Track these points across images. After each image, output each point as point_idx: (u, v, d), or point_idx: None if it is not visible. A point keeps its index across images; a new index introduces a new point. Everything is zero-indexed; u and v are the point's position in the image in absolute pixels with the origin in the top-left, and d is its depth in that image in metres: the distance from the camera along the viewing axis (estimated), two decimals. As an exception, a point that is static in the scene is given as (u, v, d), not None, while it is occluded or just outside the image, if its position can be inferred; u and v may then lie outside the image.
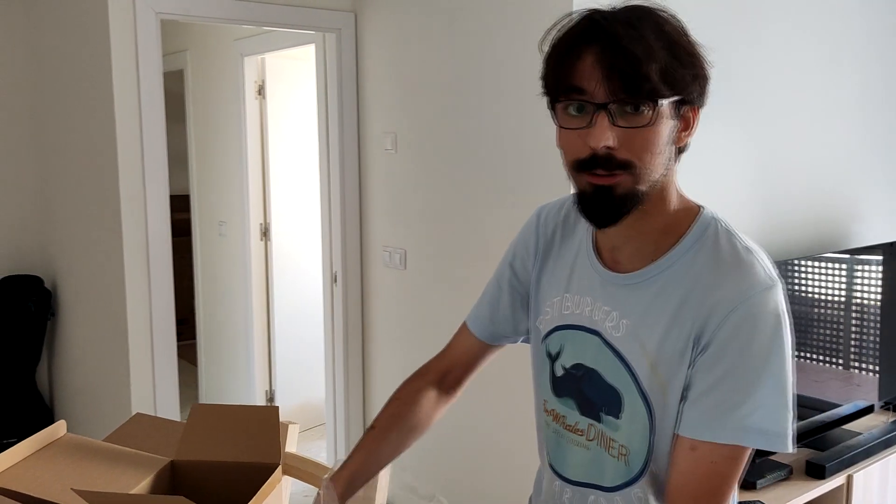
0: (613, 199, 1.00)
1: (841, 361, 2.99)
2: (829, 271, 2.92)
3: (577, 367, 1.14)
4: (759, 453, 2.61)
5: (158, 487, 1.35)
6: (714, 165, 2.78)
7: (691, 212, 1.09)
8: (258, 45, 3.83)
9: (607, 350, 1.09)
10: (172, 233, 5.65)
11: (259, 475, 1.36)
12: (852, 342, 2.96)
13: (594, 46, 0.97)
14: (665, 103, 0.98)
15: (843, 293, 2.95)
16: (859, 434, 2.85)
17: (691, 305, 1.02)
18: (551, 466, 1.22)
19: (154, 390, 2.93)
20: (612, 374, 1.09)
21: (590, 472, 1.15)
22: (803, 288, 2.88)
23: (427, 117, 2.94)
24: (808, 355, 2.92)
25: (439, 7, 2.83)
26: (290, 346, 4.16)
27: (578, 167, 1.01)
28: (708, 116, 2.77)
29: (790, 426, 1.00)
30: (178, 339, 5.57)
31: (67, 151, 3.30)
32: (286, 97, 4.04)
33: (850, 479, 2.62)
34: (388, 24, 3.10)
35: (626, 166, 0.99)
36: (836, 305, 2.94)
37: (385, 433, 1.29)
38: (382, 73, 3.16)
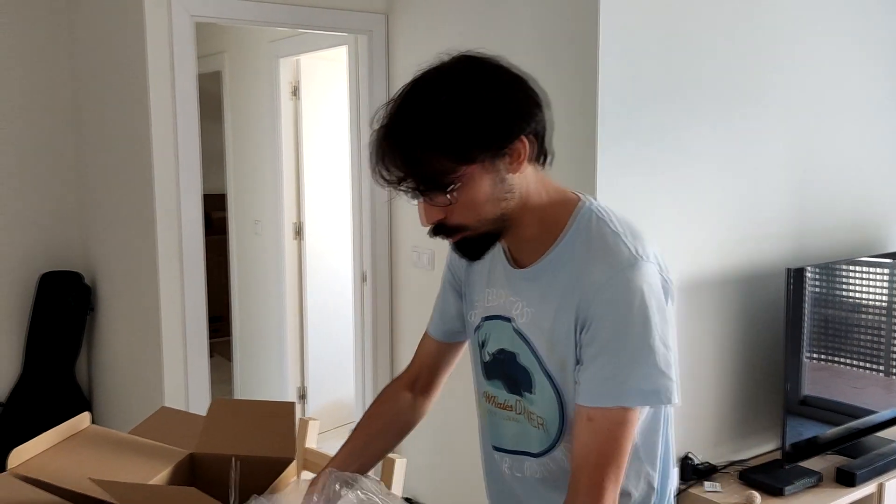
0: (470, 245, 1.19)
1: (881, 367, 2.93)
2: (870, 276, 2.87)
3: (501, 351, 1.29)
4: (788, 458, 2.56)
5: (177, 479, 1.39)
6: (752, 169, 2.75)
7: (569, 205, 1.22)
8: (293, 46, 3.88)
9: (516, 335, 1.25)
10: (210, 231, 5.74)
11: (274, 469, 1.39)
12: (893, 348, 2.90)
13: (390, 149, 1.11)
14: (464, 176, 1.11)
15: (884, 298, 2.90)
16: (893, 442, 2.80)
17: (572, 290, 1.17)
18: (491, 442, 1.36)
19: (186, 385, 2.99)
20: (523, 356, 1.25)
21: (521, 441, 1.30)
22: (843, 292, 2.83)
23: (456, 118, 2.95)
24: (847, 360, 2.87)
25: (469, 10, 2.85)
26: (323, 344, 4.21)
27: (430, 232, 1.20)
28: (746, 120, 2.73)
29: (668, 383, 1.13)
30: (215, 336, 5.68)
31: (105, 151, 3.38)
32: (320, 98, 4.09)
33: (881, 487, 2.57)
34: (418, 27, 3.13)
35: (461, 228, 1.16)
36: (876, 310, 2.89)
37: (365, 429, 1.43)
38: (412, 74, 3.17)
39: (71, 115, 3.69)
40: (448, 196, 1.12)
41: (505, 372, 1.29)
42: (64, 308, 3.60)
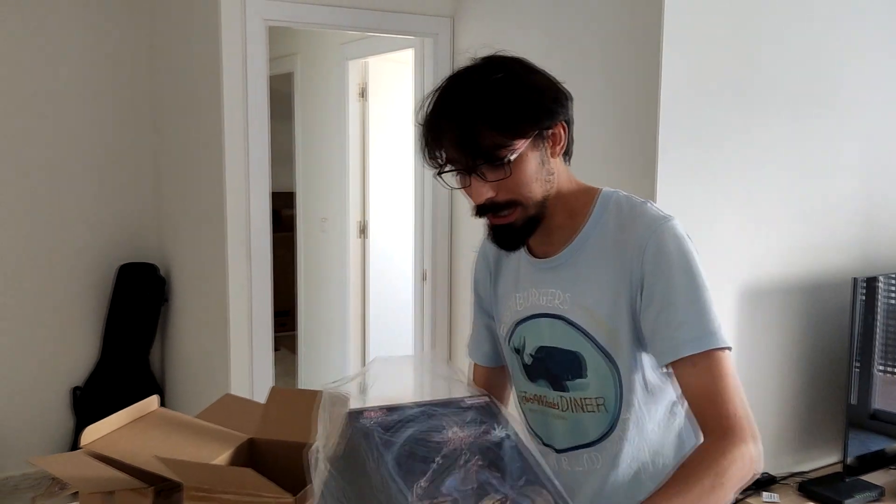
0: (514, 231, 1.24)
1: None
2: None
3: (540, 350, 1.32)
4: (850, 471, 2.51)
5: (237, 461, 1.46)
6: (819, 175, 2.70)
7: (592, 193, 1.30)
8: (361, 49, 3.97)
9: (561, 323, 1.28)
10: (280, 228, 5.90)
11: (327, 456, 1.44)
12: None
13: (446, 127, 1.18)
14: (517, 150, 1.17)
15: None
16: (963, 459, 2.71)
17: (613, 259, 1.22)
18: (543, 443, 1.37)
19: (251, 375, 3.10)
20: (569, 341, 1.27)
21: (573, 437, 1.31)
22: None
23: (518, 121, 2.98)
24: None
25: (533, 13, 2.87)
26: (384, 340, 4.29)
27: (477, 214, 1.25)
28: (812, 124, 2.68)
29: (720, 322, 1.19)
30: (282, 330, 5.85)
31: (181, 150, 3.53)
32: (387, 99, 4.17)
33: (947, 505, 2.49)
34: (483, 30, 3.17)
35: (512, 204, 1.21)
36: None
37: None
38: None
39: (150, 116, 3.86)
40: (504, 168, 1.17)
41: (548, 369, 1.31)
42: (140, 298, 3.77)
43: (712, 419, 1.13)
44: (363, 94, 4.14)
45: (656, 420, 1.28)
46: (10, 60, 3.53)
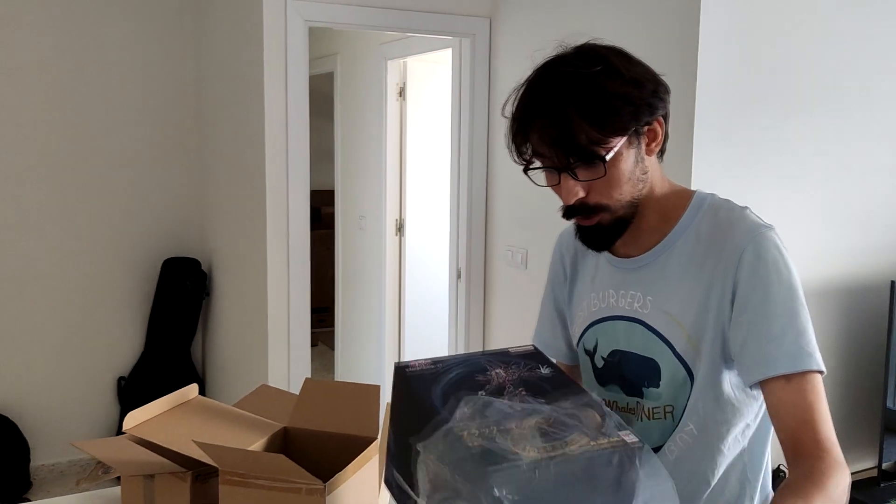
0: (602, 231, 1.18)
1: None
2: None
3: (614, 353, 1.26)
4: (885, 476, 2.48)
5: (271, 448, 1.51)
6: (857, 177, 2.67)
7: (685, 195, 1.23)
8: (400, 49, 4.02)
9: (639, 327, 1.22)
10: (320, 226, 5.98)
11: (357, 446, 1.49)
12: None
13: (537, 121, 1.11)
14: (614, 147, 1.10)
15: None
16: None
17: (706, 265, 1.15)
18: None
19: (288, 369, 3.17)
20: (647, 347, 1.21)
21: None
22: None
23: (554, 121, 3.00)
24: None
25: (571, 13, 2.89)
26: (420, 337, 4.33)
27: (565, 215, 1.19)
28: (851, 126, 2.64)
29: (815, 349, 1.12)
30: (321, 326, 5.94)
31: (224, 148, 3.62)
32: (425, 99, 4.21)
33: None
34: (521, 30, 3.19)
35: (601, 209, 1.16)
36: None
37: None
38: (513, 76, 3.24)
39: (194, 115, 3.95)
40: (599, 167, 1.11)
41: (622, 374, 1.26)
42: (182, 292, 3.87)
43: (810, 442, 1.06)
44: (402, 93, 4.19)
45: (723, 438, 1.20)
46: (63, 61, 3.65)
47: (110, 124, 3.78)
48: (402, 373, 1.09)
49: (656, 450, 1.22)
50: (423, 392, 1.04)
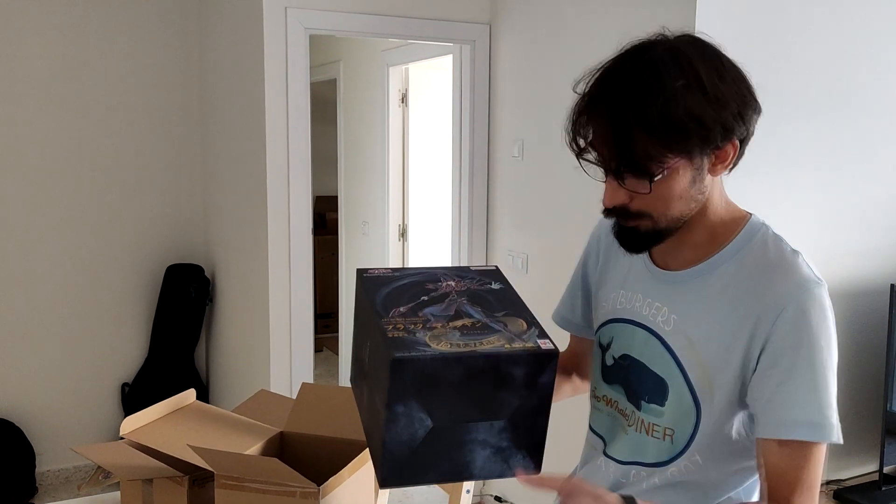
0: (638, 236, 1.13)
1: None
2: None
3: (625, 357, 1.23)
4: (887, 480, 2.48)
5: (268, 453, 1.53)
6: (855, 181, 2.67)
7: (739, 220, 1.17)
8: (402, 55, 4.04)
9: (656, 342, 1.18)
10: (324, 231, 5.98)
11: (353, 450, 1.50)
12: None
13: (600, 116, 1.05)
14: (670, 167, 1.04)
15: None
16: None
17: (744, 303, 1.09)
18: (605, 446, 1.29)
19: (290, 375, 3.18)
20: (659, 364, 1.17)
21: (633, 451, 1.23)
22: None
23: (553, 125, 3.01)
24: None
25: (569, 20, 2.90)
26: (423, 342, 4.34)
27: (605, 213, 1.14)
28: (849, 129, 2.62)
29: (836, 419, 1.09)
30: (326, 332, 5.95)
31: (226, 154, 3.64)
32: (427, 105, 4.23)
33: None
34: (520, 36, 3.21)
35: (643, 216, 1.10)
36: None
37: None
38: (513, 82, 3.27)
39: (197, 122, 3.98)
40: (647, 183, 1.05)
41: (627, 379, 1.23)
42: (186, 298, 3.89)
43: (783, 500, 1.07)
44: (404, 99, 4.21)
45: (730, 471, 1.17)
46: (66, 68, 3.68)
47: (113, 132, 3.81)
48: (361, 276, 1.17)
49: (655, 465, 1.20)
50: (372, 293, 1.11)
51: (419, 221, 4.31)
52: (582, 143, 1.08)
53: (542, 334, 1.04)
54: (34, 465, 3.70)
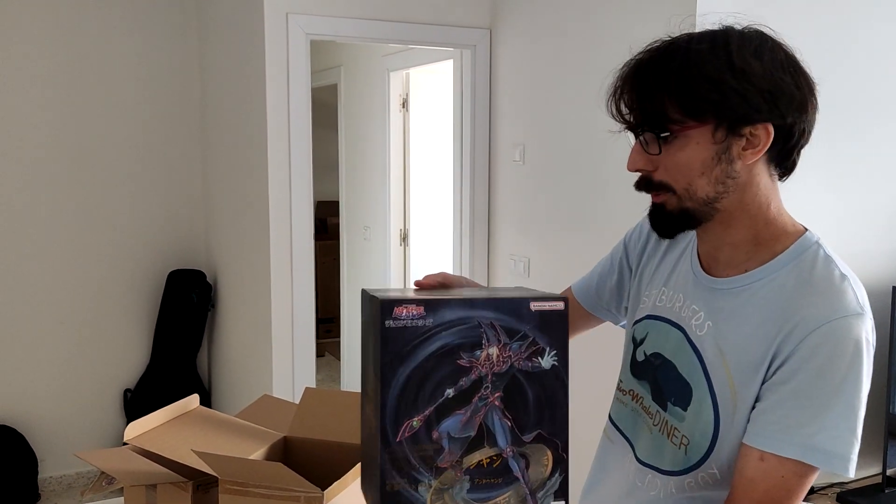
0: (663, 215, 1.11)
1: None
2: None
3: (656, 355, 1.21)
4: (890, 483, 2.48)
5: (271, 457, 1.53)
6: (856, 183, 2.67)
7: (793, 233, 1.13)
8: (403, 60, 4.05)
9: (688, 346, 1.15)
10: (326, 236, 5.98)
11: (358, 455, 1.50)
12: None
13: (632, 79, 1.08)
14: (684, 130, 1.04)
15: None
16: None
17: (776, 321, 1.05)
18: (629, 442, 1.27)
19: (293, 380, 3.18)
20: (687, 368, 1.15)
21: (652, 454, 1.21)
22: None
23: (554, 130, 3.02)
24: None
25: (570, 24, 2.91)
26: (424, 347, 4.34)
27: (635, 185, 1.13)
28: (847, 131, 2.61)
29: (854, 451, 1.02)
30: (328, 336, 5.94)
31: (228, 160, 3.65)
32: (428, 110, 4.24)
33: None
34: (520, 41, 3.21)
35: (665, 188, 1.09)
36: None
37: None
38: (513, 86, 3.27)
39: (199, 127, 3.98)
40: (658, 142, 1.05)
41: (655, 378, 1.22)
42: (188, 303, 3.89)
43: None
44: (405, 104, 4.22)
45: None
46: (66, 74, 3.69)
47: (115, 136, 3.82)
48: (383, 321, 0.90)
49: (669, 474, 1.18)
50: (390, 368, 0.90)
51: (420, 226, 4.31)
52: (615, 109, 1.09)
53: (563, 486, 0.95)
54: (37, 471, 3.70)
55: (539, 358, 0.95)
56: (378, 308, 0.90)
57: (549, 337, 0.96)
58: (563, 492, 0.95)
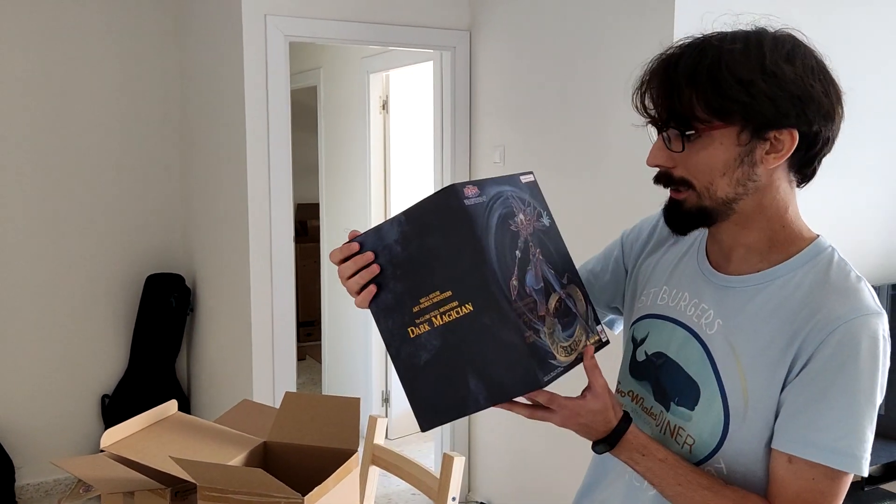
0: (680, 212, 1.11)
1: None
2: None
3: (659, 355, 1.20)
4: (869, 481, 2.49)
5: (251, 463, 1.51)
6: (847, 181, 2.69)
7: (808, 238, 1.13)
8: (382, 62, 4.04)
9: (696, 344, 1.14)
10: (307, 239, 5.95)
11: (338, 459, 1.49)
12: None
13: (660, 75, 1.07)
14: (709, 129, 1.03)
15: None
16: None
17: (795, 320, 1.05)
18: None
19: (274, 383, 3.16)
20: (696, 367, 1.14)
21: None
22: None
23: (533, 131, 3.02)
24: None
25: (549, 26, 2.92)
26: (406, 349, 4.32)
27: (654, 179, 1.13)
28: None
29: (866, 452, 1.03)
30: (308, 340, 5.91)
31: (207, 162, 3.62)
32: (408, 112, 4.23)
33: (968, 515, 2.47)
34: (499, 42, 3.21)
35: (684, 184, 1.08)
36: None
37: None
38: (493, 88, 3.27)
39: (178, 130, 3.95)
40: (682, 140, 1.05)
41: (658, 378, 1.20)
42: (166, 308, 3.85)
43: None
44: (384, 106, 4.21)
45: (756, 485, 1.12)
46: (45, 75, 3.65)
47: (93, 140, 3.78)
48: (462, 203, 1.02)
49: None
50: (480, 240, 1.02)
51: (401, 228, 4.30)
52: (640, 103, 1.10)
53: (596, 315, 1.18)
54: (13, 478, 3.65)
55: (542, 219, 1.16)
56: (454, 194, 1.02)
57: (537, 201, 1.17)
58: (597, 320, 1.17)
